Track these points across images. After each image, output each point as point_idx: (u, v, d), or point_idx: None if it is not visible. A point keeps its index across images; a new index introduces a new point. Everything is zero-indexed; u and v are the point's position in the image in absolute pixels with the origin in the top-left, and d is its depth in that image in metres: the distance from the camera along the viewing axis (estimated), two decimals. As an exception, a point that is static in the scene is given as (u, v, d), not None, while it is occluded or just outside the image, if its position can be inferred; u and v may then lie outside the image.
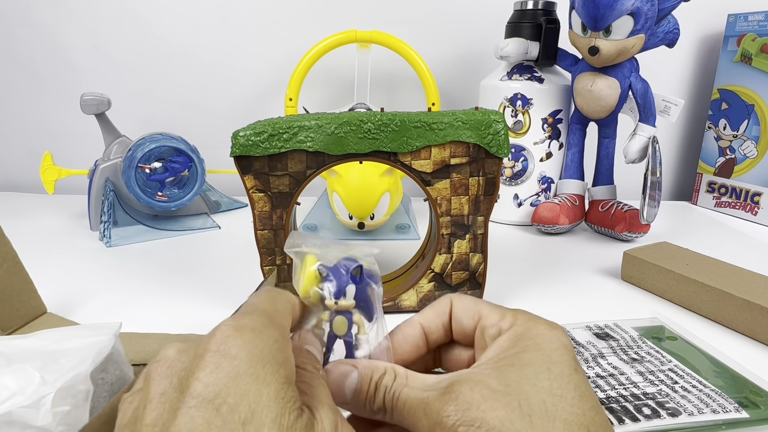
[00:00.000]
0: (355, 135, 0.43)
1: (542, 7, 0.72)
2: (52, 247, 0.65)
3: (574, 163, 0.75)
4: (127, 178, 0.66)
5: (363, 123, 0.42)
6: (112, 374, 0.29)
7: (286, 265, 0.46)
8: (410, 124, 0.43)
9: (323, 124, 0.42)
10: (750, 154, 0.83)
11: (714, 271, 0.51)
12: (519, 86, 0.73)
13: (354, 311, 0.26)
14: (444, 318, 0.26)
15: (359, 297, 0.26)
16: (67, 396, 0.25)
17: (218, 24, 0.88)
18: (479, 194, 0.45)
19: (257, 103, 0.91)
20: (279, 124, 0.42)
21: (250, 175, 0.43)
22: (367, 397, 0.23)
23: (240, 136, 0.42)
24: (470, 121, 0.43)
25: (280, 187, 0.44)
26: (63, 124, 0.92)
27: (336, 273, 0.26)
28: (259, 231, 0.45)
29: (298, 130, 0.42)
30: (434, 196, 0.45)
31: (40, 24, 0.87)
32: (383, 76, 0.90)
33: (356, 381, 0.23)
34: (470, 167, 0.45)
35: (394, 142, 0.43)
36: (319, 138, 0.42)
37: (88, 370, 0.27)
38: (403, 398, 0.22)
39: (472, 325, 0.25)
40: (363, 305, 0.26)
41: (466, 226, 0.46)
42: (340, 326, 0.26)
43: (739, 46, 0.83)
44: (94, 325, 0.32)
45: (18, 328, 0.41)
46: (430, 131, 0.43)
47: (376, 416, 0.23)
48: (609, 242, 0.71)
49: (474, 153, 0.44)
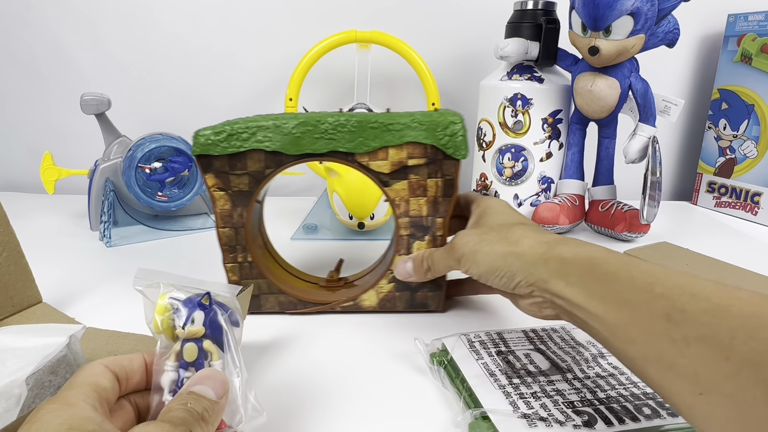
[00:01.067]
0: (312, 135, 0.43)
1: (542, 7, 0.72)
2: (52, 247, 0.65)
3: (574, 163, 0.75)
4: (127, 178, 0.66)
5: (320, 123, 0.43)
6: (61, 377, 0.30)
7: (248, 263, 0.47)
8: (367, 125, 0.43)
9: (280, 124, 0.43)
10: (750, 154, 0.83)
11: (714, 271, 0.51)
12: (519, 86, 0.73)
13: (205, 339, 0.27)
14: (465, 211, 0.48)
15: (210, 325, 0.27)
16: (1, 399, 0.26)
17: (218, 24, 0.88)
18: (438, 196, 0.45)
19: (257, 103, 0.91)
20: (238, 124, 0.43)
21: (210, 173, 0.44)
22: (421, 268, 0.45)
23: (200, 136, 0.42)
24: (426, 123, 0.43)
25: (239, 186, 0.44)
26: (63, 124, 0.92)
27: (186, 303, 0.28)
28: (221, 229, 0.45)
29: (257, 130, 0.43)
30: (392, 197, 0.45)
31: (40, 24, 0.87)
32: (383, 76, 0.90)
33: (412, 264, 0.46)
34: (428, 168, 0.45)
35: (351, 143, 0.43)
36: (276, 138, 0.43)
37: (24, 375, 0.28)
38: (434, 257, 0.44)
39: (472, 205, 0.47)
40: (214, 334, 0.28)
41: (425, 227, 0.46)
42: (190, 353, 0.27)
43: (739, 46, 0.83)
44: (53, 327, 0.33)
45: (9, 316, 0.42)
46: (386, 132, 0.43)
47: (427, 275, 0.45)
48: (609, 242, 0.71)
49: (431, 154, 0.44)
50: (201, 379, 0.26)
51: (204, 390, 0.25)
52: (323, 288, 0.51)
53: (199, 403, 0.24)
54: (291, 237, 0.71)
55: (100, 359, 0.26)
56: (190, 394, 0.25)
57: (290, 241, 0.70)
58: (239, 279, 0.47)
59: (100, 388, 0.24)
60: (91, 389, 0.24)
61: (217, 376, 0.26)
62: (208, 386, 0.25)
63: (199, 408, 0.24)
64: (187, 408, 0.24)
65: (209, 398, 0.25)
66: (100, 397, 0.24)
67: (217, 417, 0.25)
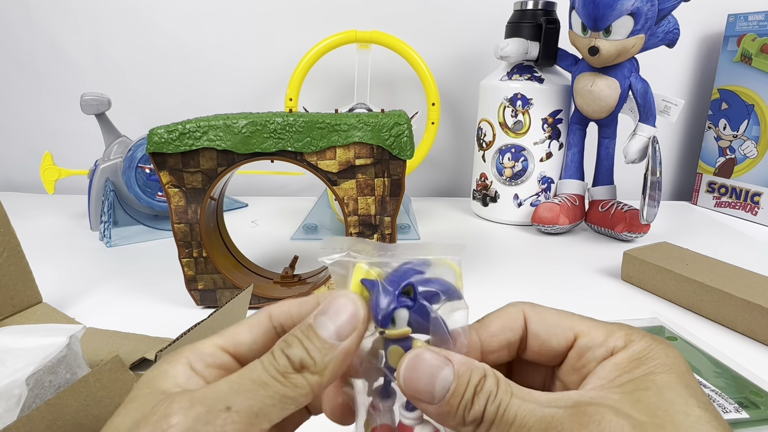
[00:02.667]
0: (261, 134, 0.44)
1: (542, 7, 0.72)
2: (52, 247, 0.65)
3: (574, 163, 0.75)
4: (127, 178, 0.66)
5: (268, 123, 0.44)
6: (61, 377, 0.30)
7: (203, 258, 0.48)
8: (315, 125, 0.44)
9: (230, 123, 0.44)
10: (750, 154, 0.83)
11: (714, 271, 0.51)
12: (519, 86, 0.73)
13: (414, 338, 0.20)
14: (514, 334, 0.21)
15: (418, 322, 0.20)
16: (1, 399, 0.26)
17: (219, 24, 0.88)
18: (385, 195, 0.47)
19: (257, 103, 0.91)
20: (190, 123, 0.44)
21: (165, 171, 0.45)
22: (462, 402, 0.18)
23: (154, 134, 0.43)
24: (372, 123, 0.45)
25: (193, 183, 0.45)
26: (63, 124, 0.92)
27: (387, 289, 0.19)
28: (176, 225, 0.47)
29: (208, 129, 0.44)
30: (341, 196, 0.47)
31: (41, 24, 0.87)
32: (383, 76, 0.90)
33: (452, 379, 0.18)
34: (375, 168, 0.46)
35: (299, 142, 0.44)
36: (227, 137, 0.44)
37: (24, 375, 0.28)
38: (513, 411, 0.18)
39: (565, 345, 0.21)
40: (428, 331, 0.20)
41: (373, 225, 0.48)
42: (393, 357, 0.20)
43: (739, 46, 0.83)
44: (53, 327, 0.33)
45: (9, 316, 0.42)
46: (333, 132, 0.45)
47: (463, 428, 0.18)
48: (609, 242, 0.71)
49: (378, 154, 0.45)
50: (326, 305, 0.19)
51: (321, 323, 0.18)
52: (278, 284, 0.52)
53: (302, 345, 0.18)
54: (291, 237, 0.71)
55: (266, 310, 0.21)
56: (305, 329, 0.18)
57: (290, 240, 0.70)
58: (195, 274, 0.49)
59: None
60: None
61: (346, 304, 0.19)
62: (329, 318, 0.18)
63: (296, 355, 0.18)
64: (274, 358, 0.18)
65: (323, 338, 0.18)
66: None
67: (331, 368, 0.18)
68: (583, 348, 0.20)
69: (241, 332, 0.20)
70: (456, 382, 0.18)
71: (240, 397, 0.17)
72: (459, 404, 0.18)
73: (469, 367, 0.18)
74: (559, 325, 0.21)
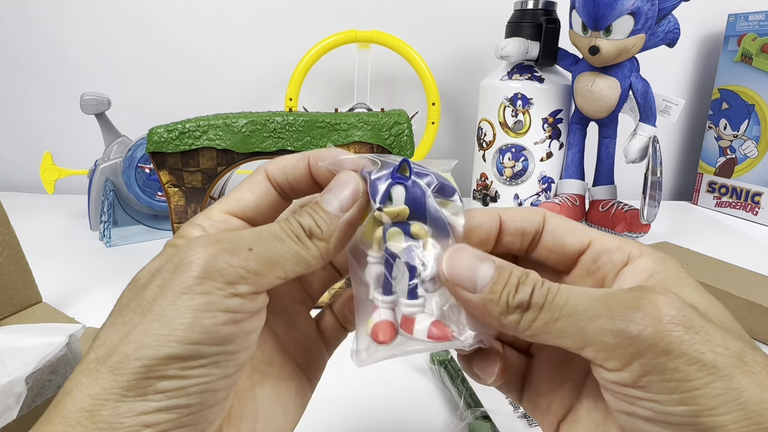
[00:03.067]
0: (261, 134, 0.44)
1: (542, 6, 0.72)
2: (52, 247, 0.65)
3: (575, 163, 0.75)
4: (127, 178, 0.66)
5: (268, 122, 0.44)
6: (62, 376, 0.30)
7: None
8: (314, 125, 0.44)
9: (230, 123, 0.44)
10: (750, 154, 0.83)
11: (714, 271, 0.51)
12: (519, 86, 0.73)
13: (413, 222, 0.21)
14: (532, 225, 0.22)
15: (413, 202, 0.20)
16: (1, 398, 0.27)
17: (218, 24, 0.88)
18: None
19: (257, 103, 0.91)
20: (190, 123, 0.44)
21: (165, 170, 0.45)
22: (506, 288, 0.18)
23: (154, 134, 0.43)
24: (372, 123, 0.45)
25: (193, 183, 0.45)
26: (63, 124, 0.91)
27: (381, 168, 0.21)
28: (176, 224, 0.47)
29: (208, 128, 0.44)
30: None
31: (40, 24, 0.87)
32: (383, 76, 0.90)
33: (493, 270, 0.19)
34: None
35: (299, 142, 0.45)
36: (227, 136, 0.44)
37: (24, 374, 0.28)
38: (564, 295, 0.18)
39: (579, 246, 0.21)
40: (425, 220, 0.21)
41: None
42: (394, 239, 0.21)
43: (740, 45, 0.83)
44: (53, 326, 0.33)
45: (9, 316, 0.42)
46: (333, 131, 0.45)
47: (507, 317, 0.18)
48: (609, 242, 0.71)
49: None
50: (331, 185, 0.21)
51: (327, 199, 0.21)
52: None
53: (311, 217, 0.20)
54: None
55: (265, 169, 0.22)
56: (313, 205, 0.21)
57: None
58: None
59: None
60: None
61: (347, 181, 0.21)
62: (332, 194, 0.21)
63: (306, 223, 0.20)
64: (289, 222, 0.20)
65: (326, 210, 0.20)
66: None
67: (336, 236, 0.20)
68: (600, 251, 0.21)
69: (244, 195, 0.22)
70: (498, 272, 0.19)
71: (261, 243, 0.19)
72: (502, 291, 0.18)
73: (510, 265, 0.19)
74: (576, 229, 0.22)
